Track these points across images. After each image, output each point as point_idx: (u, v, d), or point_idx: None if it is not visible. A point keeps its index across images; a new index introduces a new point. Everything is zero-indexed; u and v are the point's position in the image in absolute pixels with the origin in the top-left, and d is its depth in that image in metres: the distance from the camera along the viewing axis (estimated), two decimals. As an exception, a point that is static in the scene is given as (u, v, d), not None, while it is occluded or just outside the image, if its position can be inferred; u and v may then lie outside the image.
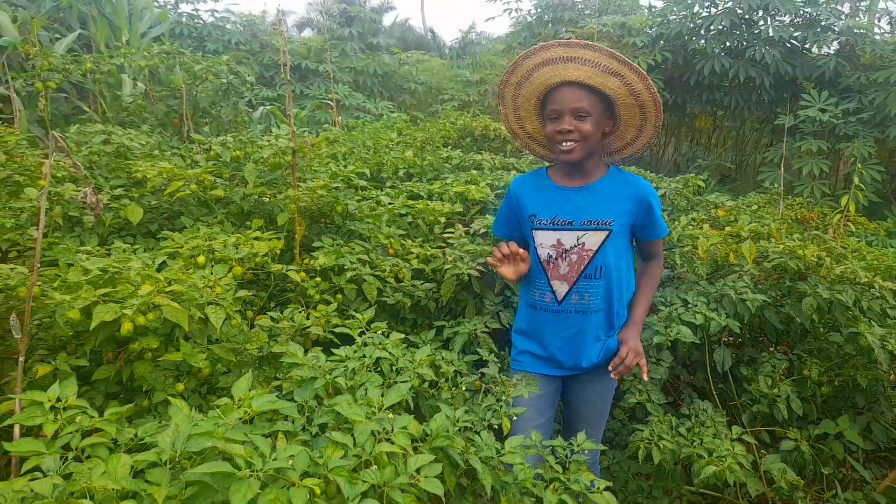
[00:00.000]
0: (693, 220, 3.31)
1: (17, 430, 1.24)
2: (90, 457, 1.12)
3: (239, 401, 1.25)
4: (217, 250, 1.92)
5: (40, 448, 1.09)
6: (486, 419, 1.56)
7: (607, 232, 1.87)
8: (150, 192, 2.70)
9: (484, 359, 1.80)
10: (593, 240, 1.88)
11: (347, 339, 1.88)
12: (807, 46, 7.08)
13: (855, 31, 6.69)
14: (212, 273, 1.75)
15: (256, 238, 2.37)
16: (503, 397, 1.61)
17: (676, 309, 2.67)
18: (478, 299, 2.86)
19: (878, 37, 6.98)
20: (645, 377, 2.01)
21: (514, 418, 1.63)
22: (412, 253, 2.92)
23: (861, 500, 2.61)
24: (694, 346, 2.91)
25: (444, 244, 3.15)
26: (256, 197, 2.65)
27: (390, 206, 3.09)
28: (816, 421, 2.93)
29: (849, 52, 6.86)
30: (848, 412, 2.93)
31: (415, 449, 1.21)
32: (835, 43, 6.90)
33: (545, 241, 1.93)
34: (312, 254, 2.57)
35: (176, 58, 3.94)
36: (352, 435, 1.14)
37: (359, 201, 3.00)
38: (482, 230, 2.99)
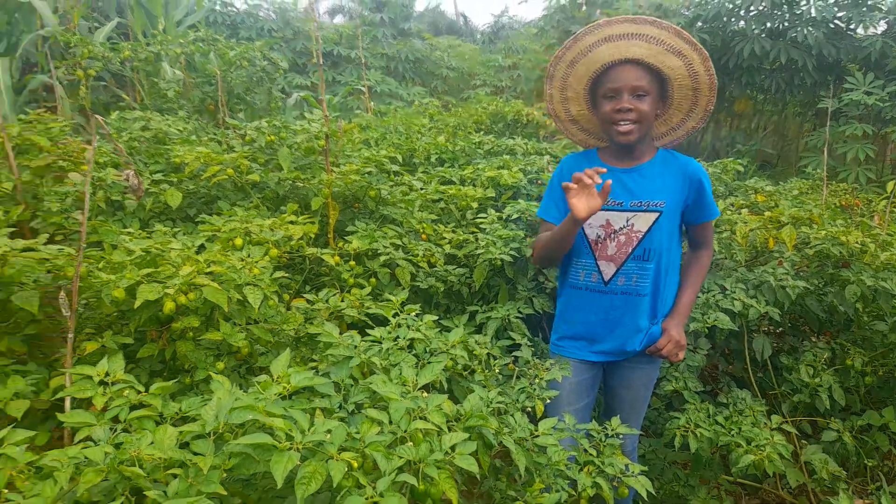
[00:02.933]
0: (731, 205, 3.24)
1: (68, 402, 1.28)
2: (138, 429, 1.15)
3: (278, 378, 1.28)
4: (254, 233, 1.95)
5: (91, 420, 1.13)
6: (519, 401, 1.56)
7: (658, 213, 1.84)
8: (189, 177, 2.75)
9: (517, 342, 1.79)
10: (643, 221, 1.85)
11: (381, 324, 1.90)
12: (851, 27, 6.83)
13: (904, 9, 6.43)
14: (249, 255, 1.78)
15: (291, 222, 2.40)
16: (536, 381, 1.61)
17: (714, 295, 2.62)
18: (511, 284, 2.85)
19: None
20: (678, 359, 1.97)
21: (548, 401, 1.63)
22: (444, 238, 2.92)
23: (906, 492, 2.54)
24: (732, 334, 2.85)
25: (476, 229, 3.15)
26: (291, 181, 2.69)
27: (422, 192, 3.09)
28: (860, 412, 2.85)
29: (896, 31, 6.60)
30: (893, 403, 2.84)
31: (449, 428, 1.22)
32: (882, 22, 6.64)
33: (594, 221, 1.91)
34: (346, 238, 2.59)
35: (211, 45, 3.99)
36: (387, 412, 1.15)
37: (391, 186, 3.01)
38: (515, 215, 2.98)
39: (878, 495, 2.54)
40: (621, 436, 1.57)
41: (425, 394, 1.23)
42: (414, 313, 1.68)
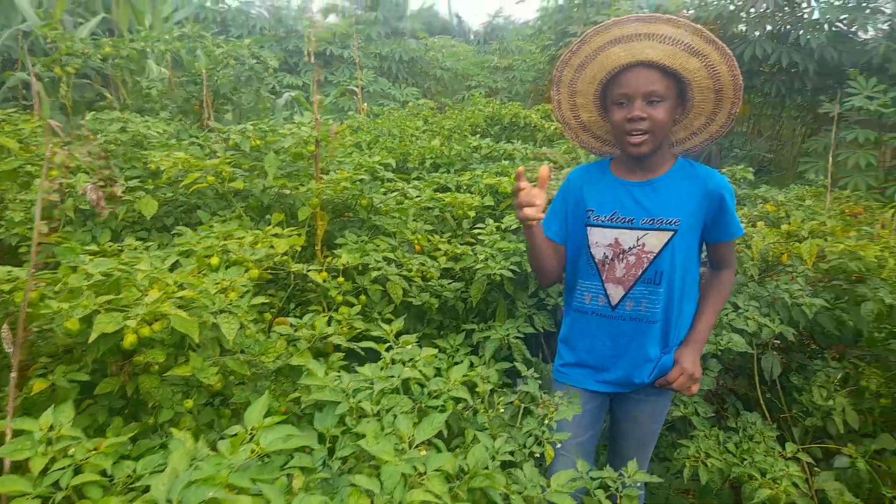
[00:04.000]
0: (743, 216, 3.09)
1: (7, 462, 1.11)
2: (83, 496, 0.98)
3: (252, 430, 1.11)
4: (232, 251, 1.78)
5: (26, 488, 0.95)
6: (527, 446, 1.40)
7: (672, 232, 1.67)
8: (167, 183, 2.57)
9: (523, 374, 1.63)
10: (655, 241, 1.68)
11: (373, 341, 1.73)
12: (854, 30, 6.71)
13: (908, 13, 6.32)
14: (225, 277, 1.60)
15: (276, 235, 2.23)
16: (546, 421, 1.45)
17: (727, 314, 2.47)
18: (509, 300, 2.69)
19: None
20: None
21: (559, 445, 1.47)
22: (439, 249, 2.76)
23: (922, 522, 2.41)
24: (741, 352, 2.71)
25: (473, 240, 2.99)
26: (277, 189, 2.51)
27: (417, 200, 2.92)
28: (872, 434, 2.72)
29: (900, 35, 6.49)
30: (907, 426, 2.72)
31: (450, 490, 1.05)
32: (885, 25, 6.53)
33: (601, 239, 1.74)
34: (335, 251, 2.42)
35: (197, 42, 3.80)
36: (379, 477, 0.98)
37: (384, 193, 2.85)
38: (515, 226, 2.81)
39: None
40: (638, 483, 1.41)
41: (423, 451, 1.07)
42: (410, 345, 1.51)
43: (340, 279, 2.29)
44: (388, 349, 1.50)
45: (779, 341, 3.01)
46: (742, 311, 2.50)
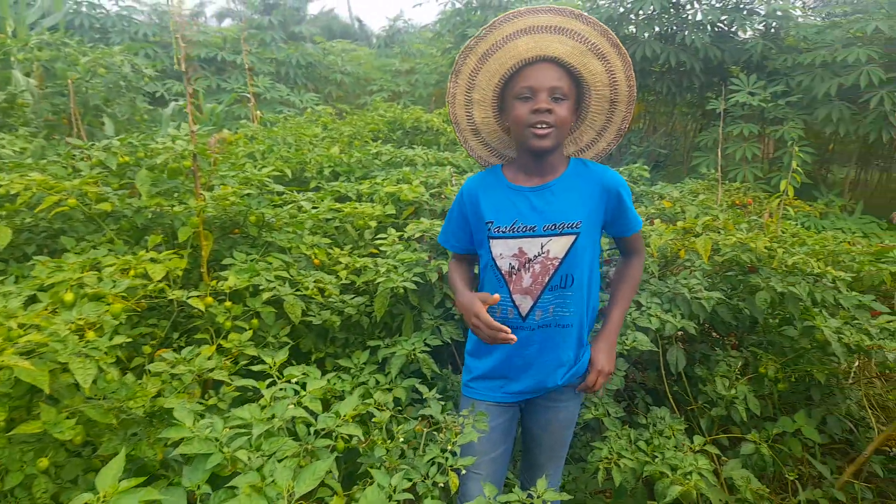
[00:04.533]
0: (641, 213, 3.14)
1: None
2: None
3: (103, 498, 0.94)
4: (89, 284, 1.57)
5: None
6: (430, 477, 1.30)
7: (575, 235, 1.62)
8: (26, 207, 2.28)
9: (424, 396, 1.53)
10: (559, 246, 1.63)
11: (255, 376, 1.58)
12: (734, 30, 7.12)
13: (778, 13, 6.75)
14: (80, 314, 1.40)
15: (153, 259, 2.02)
16: (449, 446, 1.35)
17: (631, 313, 2.48)
18: (416, 312, 2.59)
19: (800, 19, 7.09)
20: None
21: (463, 472, 1.37)
22: (340, 263, 2.62)
23: (821, 497, 2.51)
24: (645, 346, 2.75)
25: (376, 251, 2.86)
26: (153, 209, 2.28)
27: (314, 212, 2.76)
28: (773, 417, 2.82)
29: (774, 34, 6.93)
30: (802, 406, 2.84)
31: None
32: (761, 25, 6.96)
33: (505, 251, 1.67)
34: (222, 273, 2.23)
35: (61, 49, 3.45)
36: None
37: (277, 206, 2.67)
38: (418, 234, 2.72)
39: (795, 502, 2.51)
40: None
41: (303, 506, 0.94)
42: (296, 379, 1.37)
43: (228, 303, 2.10)
44: (270, 385, 1.35)
45: (682, 332, 3.09)
46: (645, 309, 2.52)
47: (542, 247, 1.64)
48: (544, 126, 1.54)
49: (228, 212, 2.41)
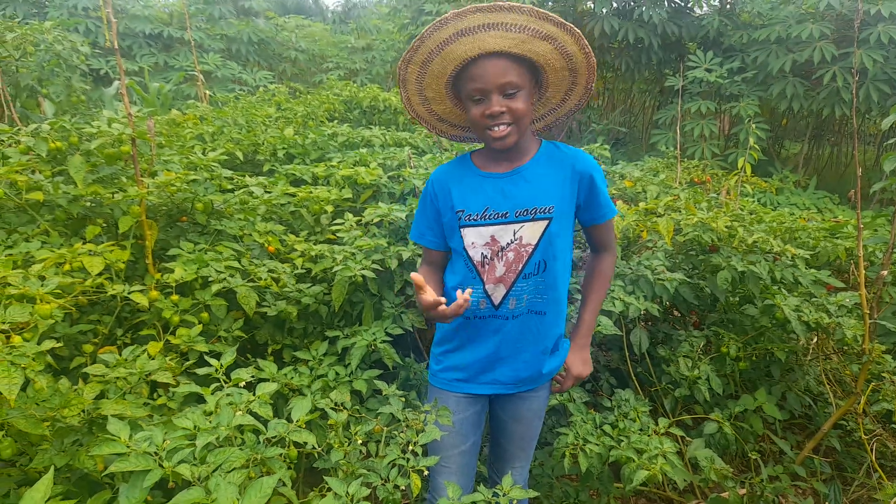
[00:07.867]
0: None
1: None
2: None
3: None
4: (14, 284, 1.43)
5: None
6: (390, 480, 1.23)
7: (548, 220, 1.56)
8: (-52, 197, 2.10)
9: (385, 392, 1.45)
10: (531, 232, 1.56)
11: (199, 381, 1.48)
12: (689, 5, 7.12)
13: (733, -11, 6.79)
14: (3, 318, 1.28)
15: (91, 252, 1.88)
16: (410, 447, 1.28)
17: (595, 297, 2.44)
18: (376, 300, 2.50)
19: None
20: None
21: (426, 473, 1.31)
22: (296, 250, 2.51)
23: (782, 472, 2.55)
24: (609, 327, 2.73)
25: (333, 236, 2.76)
26: (91, 198, 2.13)
27: (267, 197, 2.64)
28: (735, 395, 2.85)
29: (729, 10, 6.97)
30: (763, 383, 2.87)
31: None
32: (716, 1, 6.99)
33: (477, 239, 1.60)
34: (169, 264, 2.10)
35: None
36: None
37: (226, 191, 2.53)
38: (376, 219, 2.62)
39: (757, 480, 2.54)
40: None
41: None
42: (244, 382, 1.27)
43: (175, 297, 1.98)
44: (216, 390, 1.26)
45: (645, 312, 3.09)
46: (608, 292, 2.48)
47: (514, 234, 1.57)
48: (501, 127, 1.48)
49: (174, 199, 2.27)
